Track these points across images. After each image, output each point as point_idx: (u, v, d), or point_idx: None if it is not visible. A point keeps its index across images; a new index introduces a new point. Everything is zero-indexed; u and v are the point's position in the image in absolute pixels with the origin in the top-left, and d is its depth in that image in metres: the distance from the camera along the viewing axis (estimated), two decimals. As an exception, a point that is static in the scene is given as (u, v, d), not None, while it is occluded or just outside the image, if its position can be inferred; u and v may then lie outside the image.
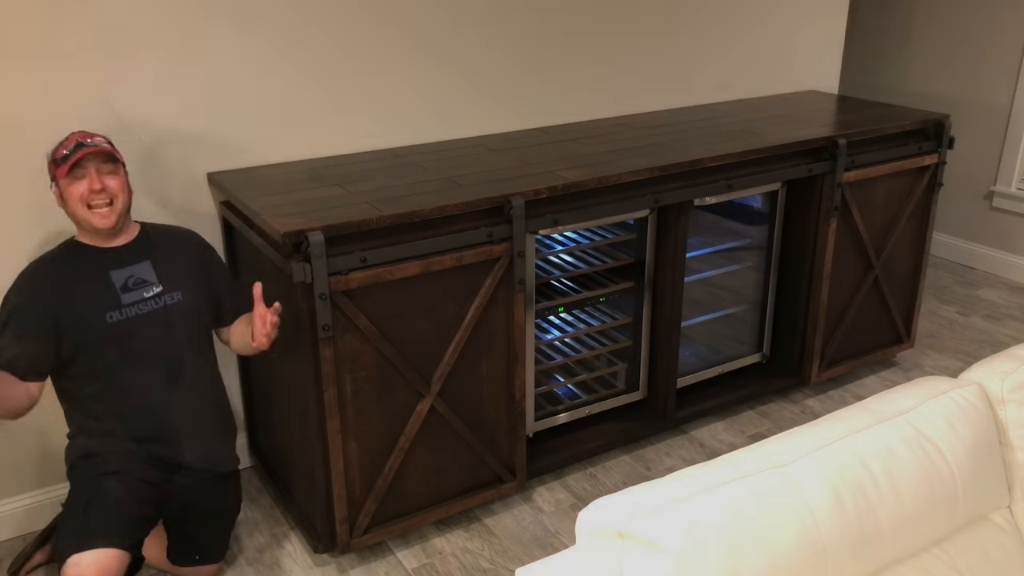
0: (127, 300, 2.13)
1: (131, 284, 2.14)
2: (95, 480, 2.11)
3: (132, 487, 2.13)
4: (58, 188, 2.07)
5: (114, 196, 2.08)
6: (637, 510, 1.19)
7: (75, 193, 2.04)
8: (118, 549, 2.01)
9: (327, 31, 2.60)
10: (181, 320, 2.20)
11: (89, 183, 2.04)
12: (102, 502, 2.07)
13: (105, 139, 2.11)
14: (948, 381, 1.56)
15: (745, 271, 3.21)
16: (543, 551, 2.51)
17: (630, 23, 3.17)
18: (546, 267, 2.86)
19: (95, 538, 2.00)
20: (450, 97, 2.88)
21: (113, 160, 2.08)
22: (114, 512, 2.06)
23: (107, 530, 2.02)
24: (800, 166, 2.91)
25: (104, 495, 2.08)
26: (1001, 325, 3.88)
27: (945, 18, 4.41)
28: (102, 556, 1.97)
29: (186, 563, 2.35)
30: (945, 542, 1.46)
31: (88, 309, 2.09)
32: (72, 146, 2.04)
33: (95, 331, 2.09)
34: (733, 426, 3.11)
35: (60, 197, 2.08)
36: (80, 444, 2.18)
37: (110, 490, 2.09)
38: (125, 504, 2.09)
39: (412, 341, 2.31)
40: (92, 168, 2.04)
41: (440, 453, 2.46)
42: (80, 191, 2.04)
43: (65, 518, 2.11)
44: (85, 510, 2.06)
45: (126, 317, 2.12)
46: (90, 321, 2.08)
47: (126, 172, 2.13)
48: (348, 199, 2.30)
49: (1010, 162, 4.26)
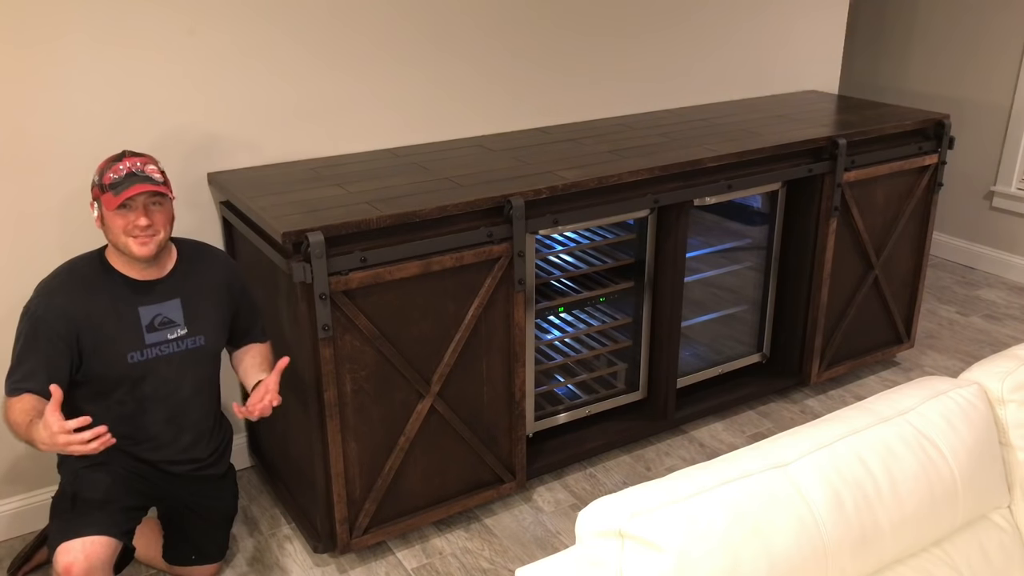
0: (150, 340, 2.07)
1: (157, 324, 2.08)
2: (84, 471, 2.10)
3: (121, 477, 2.12)
4: (100, 211, 1.98)
5: (157, 230, 2.00)
6: (637, 510, 1.19)
7: (119, 223, 1.96)
8: (107, 536, 2.00)
9: (327, 31, 2.60)
10: (198, 363, 2.16)
11: (135, 219, 1.95)
12: (90, 492, 2.06)
13: (156, 166, 2.00)
14: (948, 381, 1.56)
15: (745, 271, 3.21)
16: (543, 551, 2.51)
17: (630, 23, 3.17)
18: (546, 267, 2.86)
19: (84, 526, 1.99)
20: (450, 97, 2.88)
21: (162, 194, 1.99)
22: (103, 501, 2.05)
23: (96, 518, 2.01)
24: (800, 166, 2.91)
25: (93, 485, 2.07)
26: (1001, 325, 3.88)
27: (945, 18, 4.41)
28: (91, 543, 1.96)
29: (182, 563, 2.35)
30: (945, 542, 1.46)
31: (110, 345, 2.03)
32: (124, 174, 1.94)
33: (113, 369, 2.04)
34: (733, 426, 3.11)
35: (100, 220, 1.99)
36: None
37: (99, 481, 2.08)
38: (114, 493, 2.08)
39: (412, 341, 2.31)
40: (140, 202, 1.95)
41: (440, 453, 2.46)
42: (124, 224, 1.96)
43: (55, 509, 2.09)
44: (73, 500, 2.05)
45: (146, 358, 2.07)
46: (110, 358, 2.03)
47: (172, 202, 2.05)
48: (348, 199, 2.30)
49: (1010, 162, 4.26)
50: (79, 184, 2.35)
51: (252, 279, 2.47)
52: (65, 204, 2.36)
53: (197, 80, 2.45)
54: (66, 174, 2.34)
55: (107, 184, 1.95)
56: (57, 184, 2.34)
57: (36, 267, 2.28)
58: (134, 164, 1.96)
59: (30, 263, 2.34)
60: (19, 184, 2.31)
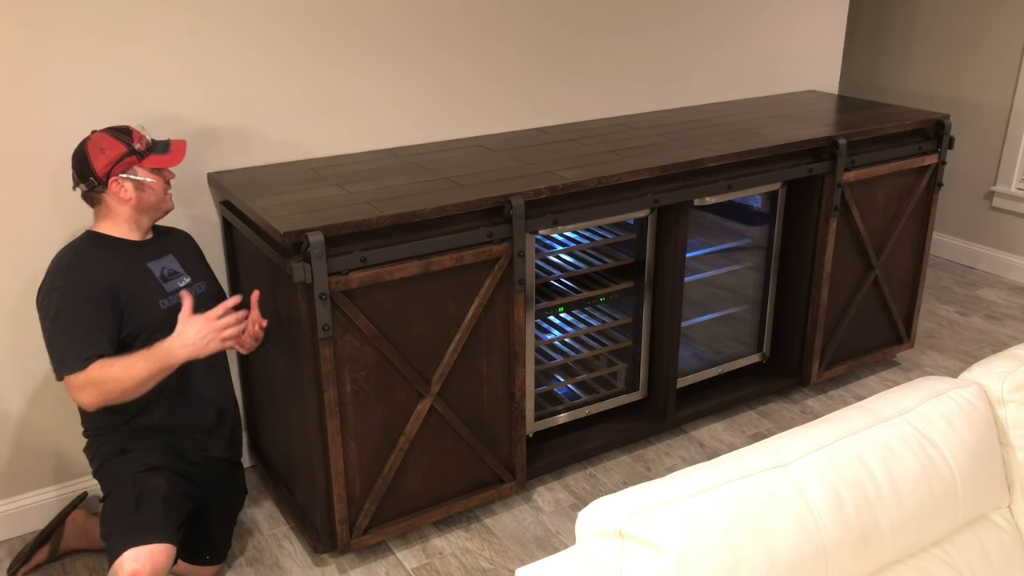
0: (168, 288, 2.21)
1: (167, 274, 2.23)
2: (141, 476, 2.13)
3: (175, 483, 2.16)
4: (132, 177, 2.12)
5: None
6: (637, 510, 1.19)
7: (160, 181, 2.17)
8: (169, 544, 2.04)
9: (328, 31, 2.60)
10: (209, 307, 2.20)
11: (168, 175, 2.20)
12: (152, 498, 2.09)
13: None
14: (948, 381, 1.55)
15: (745, 271, 3.21)
16: (543, 551, 2.51)
17: (630, 23, 3.17)
18: (546, 267, 2.86)
19: (149, 533, 2.02)
20: (450, 97, 2.88)
21: None
22: (163, 508, 2.09)
23: (159, 525, 2.05)
24: (800, 166, 2.91)
25: (153, 491, 2.11)
26: (1001, 325, 3.88)
27: (945, 18, 4.41)
28: (156, 551, 2.00)
29: (196, 561, 2.35)
30: (945, 542, 1.45)
31: (141, 297, 2.13)
32: (152, 139, 2.17)
33: (150, 317, 2.14)
34: (733, 426, 3.11)
35: (134, 188, 2.12)
36: (110, 440, 2.19)
37: (158, 486, 2.12)
38: (172, 499, 2.13)
39: (412, 341, 2.31)
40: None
41: (440, 453, 2.46)
42: (161, 181, 2.18)
43: (115, 514, 2.09)
44: (137, 506, 2.07)
45: (171, 304, 2.17)
46: (145, 308, 2.14)
47: None
48: (348, 199, 2.30)
49: (1010, 162, 4.26)
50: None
51: (252, 279, 2.47)
52: (64, 204, 2.36)
53: (197, 79, 2.45)
54: (66, 174, 2.34)
55: (146, 149, 2.14)
56: (56, 184, 2.34)
57: (36, 267, 2.29)
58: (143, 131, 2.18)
59: (31, 263, 2.34)
60: (20, 184, 2.31)
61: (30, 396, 2.48)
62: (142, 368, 2.02)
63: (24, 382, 2.46)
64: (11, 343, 2.41)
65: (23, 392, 2.47)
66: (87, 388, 2.00)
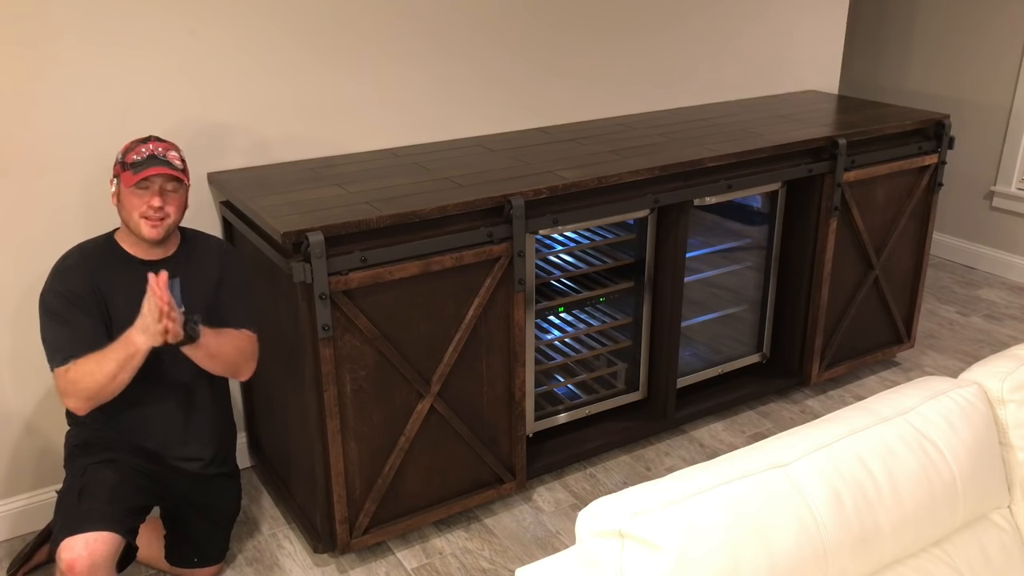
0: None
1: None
2: (91, 467, 2.10)
3: (127, 474, 2.11)
4: (117, 189, 2.05)
5: (168, 213, 2.05)
6: (637, 510, 1.19)
7: (133, 202, 2.03)
8: (112, 533, 1.98)
9: (328, 31, 2.60)
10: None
11: (149, 199, 2.02)
12: (96, 488, 2.05)
13: (178, 154, 2.07)
14: (948, 381, 1.55)
15: (745, 271, 3.21)
16: (543, 551, 2.51)
17: (630, 23, 3.17)
18: (546, 267, 2.86)
19: (88, 522, 1.97)
20: (450, 97, 2.88)
21: (179, 179, 2.05)
22: (108, 498, 2.04)
23: (100, 514, 2.00)
24: (800, 166, 2.91)
25: (99, 481, 2.06)
26: (1001, 325, 3.88)
27: (945, 18, 4.41)
28: (94, 539, 1.95)
29: (184, 565, 2.35)
30: (945, 542, 1.45)
31: (123, 317, 2.05)
32: (146, 156, 2.01)
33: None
34: (733, 426, 3.11)
35: (116, 197, 2.06)
36: (78, 434, 2.18)
37: (106, 477, 2.08)
38: (120, 490, 2.07)
39: (412, 341, 2.31)
40: (158, 184, 2.02)
41: (440, 453, 2.46)
42: (139, 203, 2.02)
43: (60, 504, 2.08)
44: (79, 496, 2.04)
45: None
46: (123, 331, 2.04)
47: (187, 189, 2.11)
48: (348, 199, 2.30)
49: (1010, 162, 4.26)
50: (80, 184, 2.36)
51: (252, 279, 2.47)
52: (66, 204, 2.36)
53: (197, 80, 2.45)
54: (66, 175, 2.34)
55: (128, 163, 2.02)
56: (56, 185, 2.34)
57: (36, 268, 2.29)
58: (157, 148, 2.04)
59: (31, 264, 2.34)
60: (20, 184, 2.31)
61: (30, 396, 2.48)
62: (110, 359, 1.96)
63: (24, 382, 2.46)
64: (11, 343, 2.41)
65: (23, 392, 2.47)
66: (69, 389, 1.98)
